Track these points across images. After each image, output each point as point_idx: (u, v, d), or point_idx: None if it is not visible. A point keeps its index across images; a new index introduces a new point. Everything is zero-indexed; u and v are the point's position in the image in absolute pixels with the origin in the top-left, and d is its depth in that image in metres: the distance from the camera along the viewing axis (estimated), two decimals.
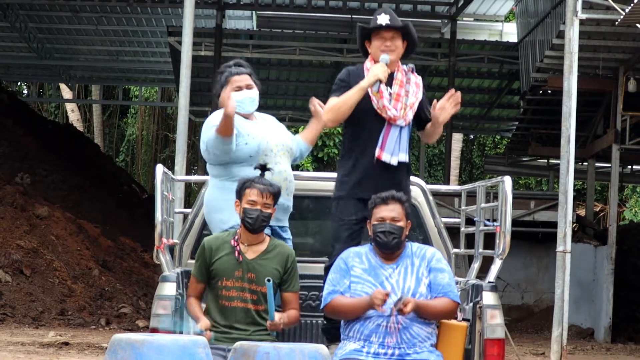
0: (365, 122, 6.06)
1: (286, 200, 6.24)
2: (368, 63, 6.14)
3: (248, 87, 6.31)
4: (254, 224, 5.85)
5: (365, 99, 6.04)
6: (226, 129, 6.04)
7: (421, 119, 6.22)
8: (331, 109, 6.06)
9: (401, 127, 6.07)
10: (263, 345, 4.95)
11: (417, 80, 6.20)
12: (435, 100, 6.11)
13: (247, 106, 6.30)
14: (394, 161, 6.04)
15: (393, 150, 6.04)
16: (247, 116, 6.33)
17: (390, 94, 6.07)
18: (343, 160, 6.21)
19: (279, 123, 6.56)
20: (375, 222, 5.75)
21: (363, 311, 5.64)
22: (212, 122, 6.23)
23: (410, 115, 6.11)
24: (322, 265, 6.11)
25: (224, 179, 6.20)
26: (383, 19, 6.06)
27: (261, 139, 6.23)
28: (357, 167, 6.08)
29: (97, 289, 17.99)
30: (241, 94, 6.27)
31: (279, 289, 5.93)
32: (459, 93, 6.11)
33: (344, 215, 6.05)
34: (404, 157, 6.08)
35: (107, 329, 16.48)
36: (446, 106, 6.08)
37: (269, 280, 5.71)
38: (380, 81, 5.99)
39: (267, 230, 6.08)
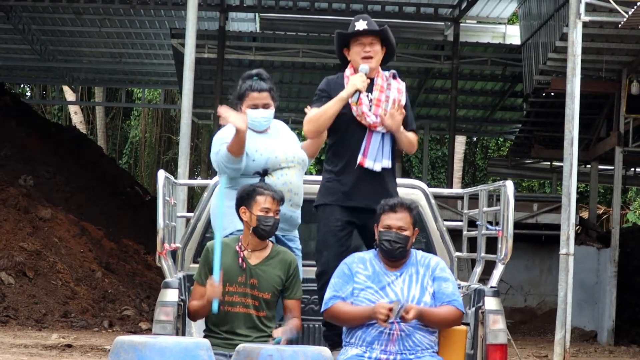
0: (347, 129, 6.03)
1: (289, 211, 6.16)
2: (348, 71, 6.11)
3: (265, 106, 6.23)
4: (270, 232, 5.86)
5: (346, 106, 6.00)
6: (238, 148, 5.96)
7: (404, 125, 6.15)
8: (311, 120, 6.02)
9: (383, 134, 6.03)
10: (266, 347, 4.95)
11: (399, 86, 6.14)
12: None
13: (260, 126, 6.23)
14: (377, 167, 6.01)
15: (376, 156, 6.01)
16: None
17: (370, 100, 6.04)
18: (327, 168, 6.17)
19: (290, 132, 6.45)
20: (382, 229, 5.74)
21: (363, 321, 5.62)
22: (221, 136, 6.16)
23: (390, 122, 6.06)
24: None
25: (231, 188, 6.12)
26: (361, 25, 6.04)
27: (269, 155, 6.15)
28: (341, 175, 6.05)
29: (100, 291, 18.00)
30: (256, 113, 6.20)
31: (281, 296, 5.92)
32: (398, 100, 6.01)
33: (330, 222, 6.01)
34: (387, 163, 6.04)
35: (110, 331, 16.48)
36: (394, 114, 5.98)
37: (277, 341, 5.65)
38: (360, 91, 5.97)
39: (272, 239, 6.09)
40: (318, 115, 5.99)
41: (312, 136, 6.10)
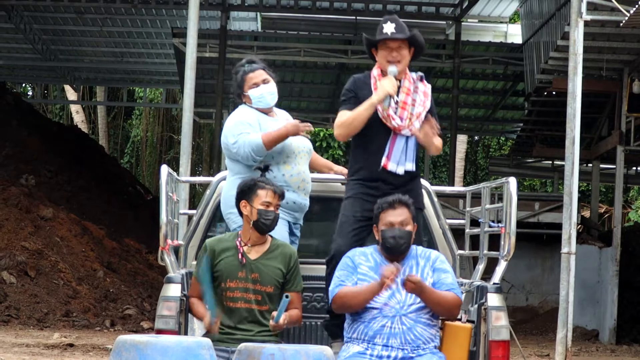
0: (372, 131, 6.04)
1: (303, 199, 6.31)
2: (375, 71, 6.13)
3: (264, 81, 6.37)
4: (271, 226, 5.89)
5: None
6: (275, 144, 6.12)
7: None
8: (342, 124, 6.04)
9: (407, 137, 6.05)
10: (268, 346, 4.96)
11: (425, 89, 6.17)
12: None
13: (267, 101, 6.37)
14: (400, 170, 6.03)
15: (399, 159, 6.02)
16: (267, 112, 6.37)
17: (396, 103, 6.04)
18: (351, 168, 6.21)
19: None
20: (384, 226, 5.76)
21: (372, 295, 5.62)
22: (242, 119, 6.24)
23: (417, 125, 6.06)
24: None
25: (244, 177, 6.17)
26: (388, 28, 6.02)
27: (284, 141, 6.24)
28: (364, 176, 6.07)
29: (102, 291, 18.00)
30: (259, 90, 6.34)
31: (282, 289, 5.94)
32: (433, 120, 6.07)
33: (348, 212, 6.05)
34: (410, 166, 6.05)
35: (111, 331, 16.49)
36: (428, 132, 6.04)
37: (287, 297, 5.69)
38: (391, 96, 5.97)
39: (285, 226, 6.14)
40: (350, 120, 6.01)
41: (343, 139, 6.16)
